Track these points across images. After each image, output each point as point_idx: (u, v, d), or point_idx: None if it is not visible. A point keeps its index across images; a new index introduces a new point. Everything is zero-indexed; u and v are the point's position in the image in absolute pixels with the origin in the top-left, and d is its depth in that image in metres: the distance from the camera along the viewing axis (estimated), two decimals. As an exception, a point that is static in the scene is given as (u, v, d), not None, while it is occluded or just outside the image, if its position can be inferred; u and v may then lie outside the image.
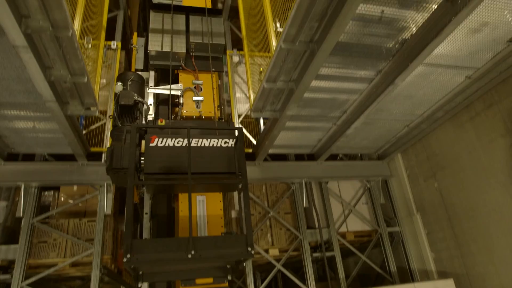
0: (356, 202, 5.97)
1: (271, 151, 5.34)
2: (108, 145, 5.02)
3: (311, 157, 5.83)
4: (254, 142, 5.42)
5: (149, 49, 5.28)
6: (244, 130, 5.58)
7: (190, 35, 5.41)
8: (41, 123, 4.26)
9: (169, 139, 3.70)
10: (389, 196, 6.13)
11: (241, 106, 5.76)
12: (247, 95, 5.86)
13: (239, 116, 5.62)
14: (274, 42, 3.68)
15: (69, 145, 4.64)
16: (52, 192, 5.99)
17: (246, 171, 3.64)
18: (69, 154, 5.07)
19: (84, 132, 5.02)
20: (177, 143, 3.72)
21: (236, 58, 5.94)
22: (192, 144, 3.70)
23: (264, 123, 5.24)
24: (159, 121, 4.18)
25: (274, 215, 5.34)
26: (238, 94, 5.89)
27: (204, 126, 4.26)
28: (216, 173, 3.70)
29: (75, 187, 5.49)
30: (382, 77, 3.91)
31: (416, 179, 5.71)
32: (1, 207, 5.02)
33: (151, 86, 5.34)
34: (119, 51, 5.74)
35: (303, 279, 5.06)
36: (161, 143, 3.69)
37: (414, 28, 3.34)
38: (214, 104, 4.90)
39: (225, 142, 3.80)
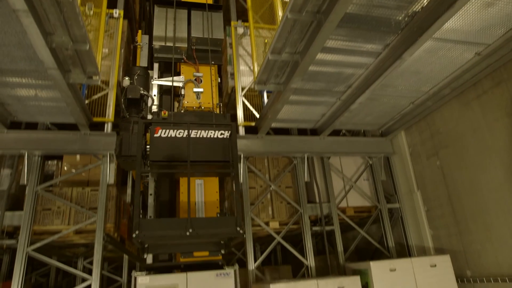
0: (358, 178, 5.99)
1: (274, 125, 5.32)
2: (111, 116, 5.08)
3: (314, 132, 5.81)
4: (257, 115, 5.39)
5: (153, 43, 5.60)
6: (247, 104, 5.53)
7: (192, 29, 5.75)
8: (43, 91, 4.23)
9: (171, 131, 4.23)
10: (390, 173, 6.14)
11: (245, 79, 5.68)
12: (251, 68, 5.79)
13: (242, 89, 5.56)
14: (280, 13, 3.58)
15: (71, 114, 4.63)
16: (55, 162, 6.06)
17: (238, 161, 4.27)
18: (71, 124, 5.07)
19: (86, 102, 5.00)
20: (179, 134, 4.25)
21: (240, 30, 5.82)
22: (192, 135, 4.22)
23: (268, 97, 5.19)
24: (162, 113, 4.71)
25: (275, 189, 5.39)
26: (242, 67, 5.80)
27: (203, 119, 4.72)
28: (212, 161, 4.22)
29: (78, 157, 5.53)
30: (390, 51, 3.82)
31: (419, 156, 5.70)
32: (5, 174, 5.07)
33: (155, 78, 5.66)
34: (121, 19, 5.62)
35: (302, 253, 5.16)
36: (164, 134, 4.21)
37: (425, 0, 3.23)
38: (212, 95, 5.40)
39: (221, 134, 4.34)
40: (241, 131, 5.37)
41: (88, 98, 5.14)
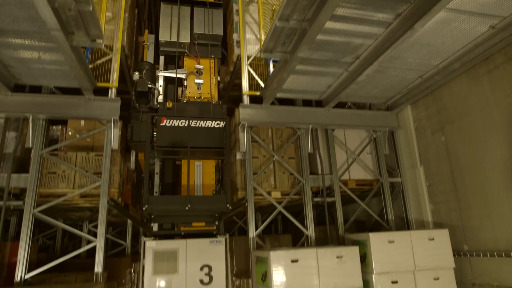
0: (361, 151, 5.98)
1: (279, 95, 5.27)
2: (115, 81, 5.06)
3: (319, 103, 5.75)
4: (262, 85, 5.32)
5: (159, 39, 6.15)
6: (253, 73, 5.46)
7: (194, 25, 6.35)
8: (46, 53, 4.17)
9: (174, 120, 5.00)
10: (394, 147, 6.13)
11: (251, 47, 5.58)
12: (258, 36, 5.67)
13: (248, 57, 5.47)
14: (289, -23, 3.44)
15: (75, 78, 4.59)
16: (60, 127, 6.08)
17: (230, 148, 5.13)
18: (75, 88, 5.06)
19: (90, 66, 4.95)
20: (181, 123, 5.01)
21: (248, -4, 5.66)
22: (192, 125, 5.01)
23: (274, 67, 5.11)
24: (167, 104, 5.41)
25: (278, 159, 5.40)
26: (248, 35, 5.69)
27: (202, 109, 5.42)
28: (208, 147, 4.99)
29: (82, 122, 5.54)
30: (401, 21, 3.70)
31: (424, 132, 5.66)
32: (10, 137, 5.11)
33: (161, 70, 6.33)
34: (125, -18, 5.46)
35: (303, 223, 5.24)
36: (169, 123, 4.98)
37: (441, -33, 3.10)
38: (210, 86, 6.13)
39: (217, 124, 5.08)
40: (246, 100, 5.33)
41: (92, 63, 5.08)
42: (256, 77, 5.42)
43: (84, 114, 4.85)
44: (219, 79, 6.82)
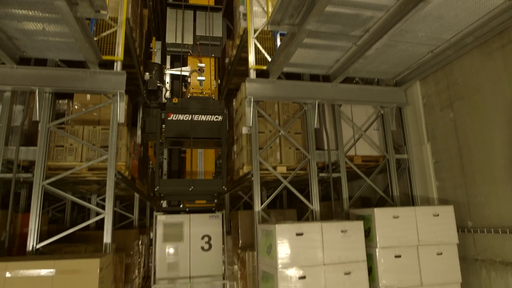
0: (368, 127, 5.94)
1: (286, 69, 5.19)
2: (120, 54, 5.02)
3: (326, 78, 5.67)
4: (269, 59, 5.24)
5: (166, 41, 7.09)
6: (260, 46, 5.37)
7: (196, 28, 7.28)
8: (51, 25, 4.12)
9: (180, 115, 5.83)
10: (401, 123, 6.07)
11: (258, 20, 5.46)
12: (265, 9, 5.54)
13: (254, 31, 5.37)
14: None
15: (80, 50, 4.55)
16: (66, 101, 6.09)
17: (226, 139, 6.24)
18: (81, 62, 5.03)
19: (95, 39, 4.90)
20: (185, 118, 5.82)
21: (255, -34, 5.50)
22: (194, 119, 5.81)
23: (281, 40, 5.02)
24: (174, 100, 6.14)
25: (285, 134, 5.38)
26: (255, 8, 5.56)
27: (203, 104, 6.24)
28: (208, 138, 5.79)
29: (88, 96, 5.54)
30: (414, -9, 3.58)
31: (432, 108, 5.58)
32: (17, 110, 5.13)
33: (168, 68, 7.36)
34: (129, -49, 5.31)
35: (308, 199, 5.28)
36: (175, 117, 5.80)
37: None
38: (211, 83, 7.17)
39: (216, 118, 5.87)
40: (252, 74, 5.27)
41: (96, 36, 5.02)
42: (263, 51, 5.34)
43: (89, 88, 4.83)
44: (219, 82, 7.93)
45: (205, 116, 5.86)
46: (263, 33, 5.46)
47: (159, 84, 6.59)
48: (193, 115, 5.83)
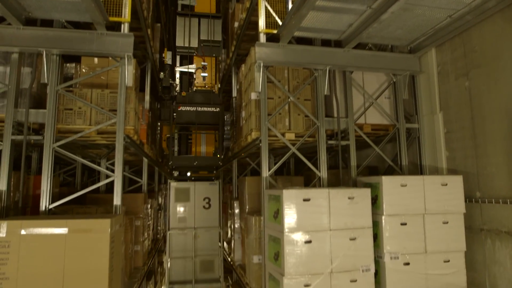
0: (379, 95, 5.82)
1: (297, 33, 5.03)
2: (127, 16, 4.92)
3: (338, 44, 5.50)
4: (280, 23, 5.08)
5: (176, 44, 9.28)
6: (270, 9, 5.20)
7: (200, 33, 9.49)
8: (56, -17, 4.01)
9: (188, 107, 8.20)
10: (413, 92, 5.93)
11: (269, -19, 5.26)
12: (276, -31, 5.31)
13: (266, -7, 5.19)
14: None
15: (86, 11, 4.45)
16: (73, 64, 6.04)
17: (224, 126, 8.88)
18: (87, 24, 4.93)
19: (101, -1, 4.78)
20: (191, 108, 8.21)
21: None
22: (198, 109, 8.15)
23: (292, 2, 4.84)
24: (182, 93, 8.49)
25: (294, 101, 5.31)
26: (266, -32, 5.33)
27: (206, 97, 8.48)
28: (209, 124, 8.35)
29: (96, 60, 5.49)
30: (436, -51, 3.37)
31: (447, 76, 5.42)
32: (25, 73, 5.10)
33: (178, 66, 9.73)
34: None
35: (315, 167, 5.27)
36: (184, 108, 8.17)
37: None
38: (211, 78, 9.53)
39: (215, 108, 8.31)
40: (262, 38, 5.13)
41: (102, -4, 4.89)
42: (274, 14, 5.16)
43: (97, 50, 4.77)
44: (220, 85, 9.69)
45: (207, 107, 8.27)
46: (274, -6, 5.27)
47: (171, 82, 8.64)
48: (197, 107, 8.23)
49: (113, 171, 4.78)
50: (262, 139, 4.97)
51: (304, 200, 4.16)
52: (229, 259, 7.93)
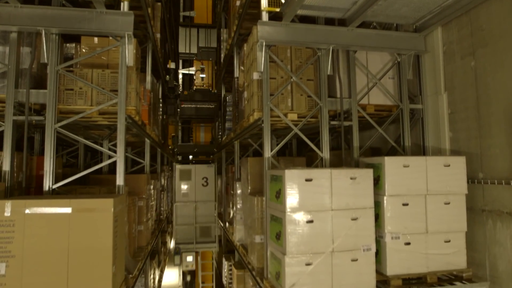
0: (383, 76, 5.74)
1: (300, 12, 4.93)
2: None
3: (342, 23, 5.39)
4: (283, 0, 4.97)
5: (179, 50, 11.83)
6: (273, -14, 5.10)
7: (199, 40, 12.27)
8: (53, -41, 3.91)
9: (189, 104, 11.49)
10: (418, 72, 5.84)
11: (271, -43, 5.13)
12: None
13: (268, -31, 5.08)
14: None
15: (85, -12, 4.36)
16: (73, 45, 5.96)
17: (219, 118, 10.49)
18: (86, 2, 4.84)
19: (100, -24, 4.67)
20: (192, 105, 11.54)
21: None
22: (198, 106, 11.37)
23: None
24: (184, 92, 11.35)
25: (296, 81, 5.24)
26: None
27: (204, 94, 11.08)
28: (207, 117, 11.80)
29: (96, 39, 5.41)
30: None
31: (452, 56, 5.32)
32: (25, 52, 5.05)
33: (180, 69, 11.92)
34: None
35: (318, 147, 5.25)
36: (186, 105, 11.44)
37: None
38: (208, 78, 11.53)
39: (211, 105, 11.20)
40: (265, 17, 5.03)
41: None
42: (276, -9, 5.05)
43: (96, 29, 4.69)
44: (216, 83, 11.46)
45: (205, 104, 11.16)
46: (277, -29, 5.14)
47: (175, 83, 10.72)
48: (197, 104, 11.34)
49: (115, 152, 4.78)
50: (264, 120, 4.94)
51: (306, 180, 4.16)
52: (232, 239, 8.04)
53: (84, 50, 5.35)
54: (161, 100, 9.64)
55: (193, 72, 11.78)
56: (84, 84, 4.97)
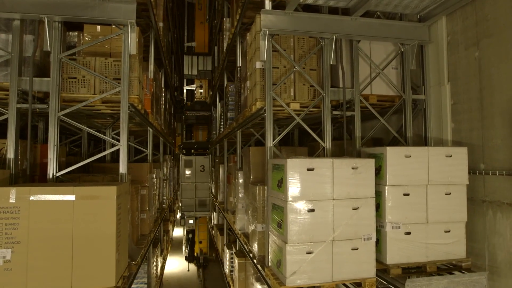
0: (386, 66, 5.71)
1: (303, 0, 4.90)
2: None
3: (346, 12, 5.35)
4: (286, -11, 4.94)
5: (184, 72, 19.05)
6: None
7: (198, 64, 19.47)
8: None
9: (191, 112, 16.96)
10: (421, 62, 5.81)
11: None
12: None
13: (271, -43, 5.05)
14: None
15: (87, -25, 4.34)
16: (76, 33, 5.95)
17: (212, 121, 14.69)
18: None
19: (102, -37, 4.65)
20: (193, 113, 16.97)
21: None
22: (197, 114, 16.87)
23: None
24: (188, 103, 17.65)
25: (299, 70, 5.23)
26: None
27: (202, 105, 16.71)
28: (204, 122, 17.22)
29: (98, 28, 5.40)
30: None
31: (456, 46, 5.29)
32: (28, 40, 5.04)
33: (185, 86, 18.97)
34: None
35: (320, 137, 5.26)
36: (189, 113, 16.97)
37: None
38: (205, 93, 17.00)
39: (207, 113, 16.25)
40: (268, 5, 5.00)
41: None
42: (280, -21, 5.01)
43: (99, 16, 4.68)
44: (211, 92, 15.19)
45: (202, 112, 16.09)
46: (281, -41, 5.10)
47: (181, 97, 17.15)
48: (197, 112, 16.25)
49: (118, 140, 4.81)
50: (267, 109, 4.94)
51: (308, 169, 4.18)
52: (234, 228, 8.11)
53: (86, 39, 5.34)
54: (163, 89, 9.51)
55: (194, 88, 16.95)
56: (87, 73, 4.98)
